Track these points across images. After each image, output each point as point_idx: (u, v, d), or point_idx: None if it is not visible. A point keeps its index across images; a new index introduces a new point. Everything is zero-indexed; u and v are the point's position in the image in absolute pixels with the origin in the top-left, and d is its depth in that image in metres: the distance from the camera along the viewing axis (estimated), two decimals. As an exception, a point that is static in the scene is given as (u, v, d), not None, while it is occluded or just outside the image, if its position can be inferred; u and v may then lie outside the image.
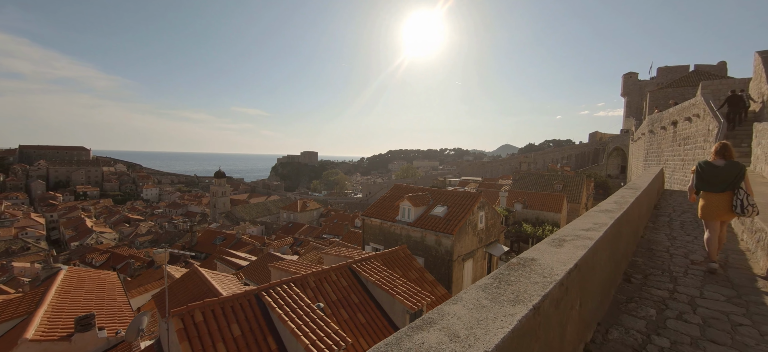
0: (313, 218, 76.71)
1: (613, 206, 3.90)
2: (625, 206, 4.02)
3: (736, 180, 4.10)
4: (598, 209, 3.80)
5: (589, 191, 44.69)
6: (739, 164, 4.18)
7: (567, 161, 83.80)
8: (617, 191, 5.80)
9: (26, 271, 44.45)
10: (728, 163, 4.20)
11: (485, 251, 16.85)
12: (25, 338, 8.48)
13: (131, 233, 77.39)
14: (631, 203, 4.29)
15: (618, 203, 4.22)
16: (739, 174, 4.11)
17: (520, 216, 31.61)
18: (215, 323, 7.31)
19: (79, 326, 9.15)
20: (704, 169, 4.33)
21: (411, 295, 9.38)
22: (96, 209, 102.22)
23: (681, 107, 18.90)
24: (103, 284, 12.89)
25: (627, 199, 4.64)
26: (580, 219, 3.20)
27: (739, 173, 4.11)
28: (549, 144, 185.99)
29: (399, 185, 19.98)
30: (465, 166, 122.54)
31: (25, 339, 8.48)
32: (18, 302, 10.53)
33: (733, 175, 4.12)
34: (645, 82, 67.93)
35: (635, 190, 5.65)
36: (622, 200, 4.43)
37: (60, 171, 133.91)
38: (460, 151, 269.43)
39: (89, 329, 9.23)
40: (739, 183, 4.11)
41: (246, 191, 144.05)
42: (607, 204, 4.15)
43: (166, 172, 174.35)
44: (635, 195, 5.05)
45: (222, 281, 9.54)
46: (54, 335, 8.97)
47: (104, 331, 9.67)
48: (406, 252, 12.33)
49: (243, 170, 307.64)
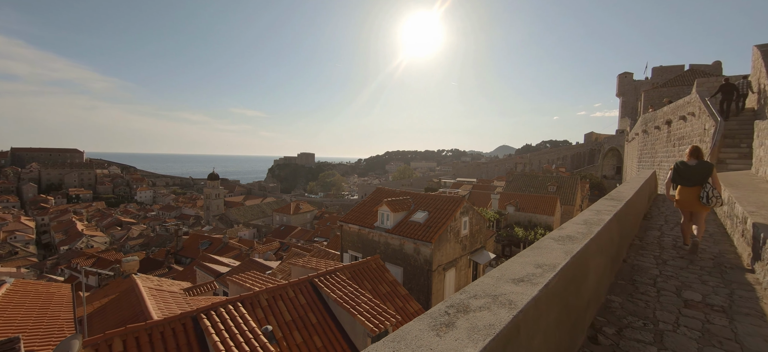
0: (306, 220, 75.63)
1: (578, 232, 2.93)
2: (597, 229, 3.08)
3: (705, 177, 5.03)
4: (557, 235, 2.86)
5: (584, 193, 43.88)
6: (708, 164, 5.10)
7: (563, 162, 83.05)
8: (596, 203, 4.85)
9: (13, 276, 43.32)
10: (699, 163, 5.13)
11: (470, 258, 15.92)
12: (-69, 369, 7.45)
13: (122, 237, 76.21)
14: (605, 223, 3.34)
15: (588, 224, 3.27)
16: (707, 172, 5.04)
17: (513, 219, 30.72)
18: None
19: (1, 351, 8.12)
20: (680, 168, 5.27)
21: (375, 314, 8.42)
22: (88, 212, 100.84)
23: (675, 105, 18.05)
24: (51, 299, 11.85)
25: (602, 216, 3.69)
26: (521, 256, 2.26)
27: (708, 171, 5.04)
28: (546, 145, 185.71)
29: (381, 189, 19.04)
30: (461, 167, 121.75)
31: (-70, 370, 7.45)
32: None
33: (703, 172, 5.04)
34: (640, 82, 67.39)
35: (615, 202, 4.68)
36: (595, 220, 3.46)
37: (52, 174, 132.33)
38: (458, 152, 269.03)
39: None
40: (707, 179, 5.03)
41: (242, 192, 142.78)
42: (573, 226, 3.19)
43: (161, 175, 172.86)
44: (614, 209, 4.09)
45: (164, 299, 8.57)
46: (-31, 363, 7.93)
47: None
48: (378, 263, 11.37)
49: (240, 172, 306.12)
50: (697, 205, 5.07)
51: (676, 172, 5.29)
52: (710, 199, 4.86)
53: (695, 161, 5.16)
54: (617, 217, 3.97)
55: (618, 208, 4.26)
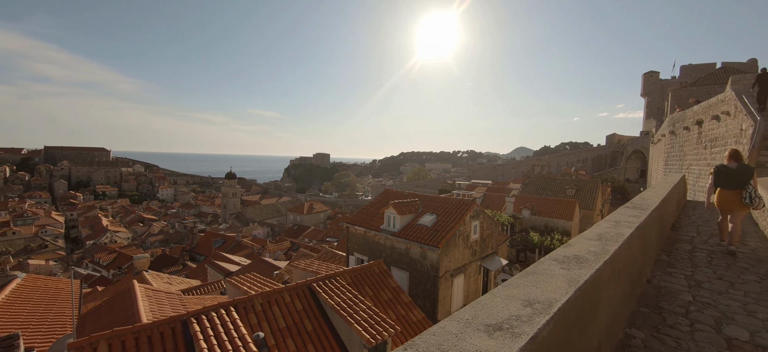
0: (319, 220, 75.97)
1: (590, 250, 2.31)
2: (614, 247, 2.47)
3: (746, 180, 5.13)
4: (562, 254, 2.28)
5: (605, 197, 41.98)
6: (749, 167, 5.26)
7: (582, 165, 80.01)
8: (615, 212, 4.19)
9: (41, 268, 45.43)
10: (740, 166, 5.26)
11: (480, 265, 15.20)
12: (-70, 365, 7.50)
13: (144, 233, 78.89)
14: (625, 239, 2.73)
15: (603, 240, 2.65)
16: (748, 175, 5.16)
17: (528, 223, 29.58)
18: (122, 360, 6.10)
19: (1, 348, 8.14)
20: (721, 171, 5.39)
21: (373, 324, 7.95)
22: (113, 208, 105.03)
23: (707, 104, 16.72)
24: (58, 296, 11.99)
25: (621, 229, 3.07)
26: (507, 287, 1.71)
27: (749, 175, 5.16)
28: (565, 146, 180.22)
29: (389, 190, 18.55)
30: (476, 168, 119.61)
31: (-70, 365, 7.50)
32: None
33: (745, 176, 5.16)
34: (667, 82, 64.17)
35: (638, 212, 4.01)
36: (612, 235, 2.84)
37: (81, 171, 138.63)
38: (473, 154, 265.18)
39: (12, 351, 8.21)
40: (749, 182, 5.13)
41: (258, 192, 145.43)
42: (584, 243, 2.57)
43: (182, 173, 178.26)
44: (636, 221, 3.46)
45: (159, 300, 8.41)
46: (-31, 359, 7.97)
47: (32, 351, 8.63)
48: (381, 268, 10.90)
49: (256, 172, 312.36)
50: (738, 206, 5.18)
51: (718, 176, 5.42)
52: (753, 199, 4.98)
53: (736, 164, 5.29)
54: (640, 230, 3.33)
55: (641, 219, 3.60)
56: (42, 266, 46.31)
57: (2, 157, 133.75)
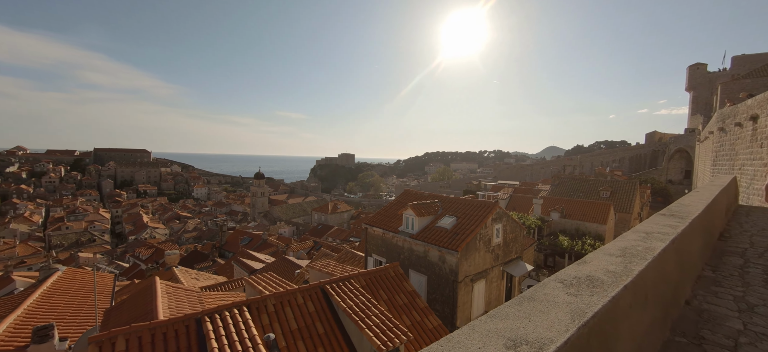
0: (343, 220, 76.76)
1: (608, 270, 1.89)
2: (639, 266, 2.02)
3: None
4: (572, 275, 1.90)
5: (644, 199, 39.18)
6: None
7: (619, 165, 75.20)
8: (646, 221, 3.66)
9: (88, 261, 49.26)
10: None
11: (503, 270, 14.51)
12: (-23, 349, 8.14)
13: (180, 230, 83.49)
14: (656, 256, 2.26)
15: (627, 257, 2.17)
16: None
17: (557, 226, 28.11)
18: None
19: (36, 337, 8.70)
20: None
21: (386, 329, 7.71)
22: (153, 206, 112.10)
23: (764, 97, 15.01)
24: (93, 288, 12.73)
25: (652, 243, 2.60)
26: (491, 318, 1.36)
27: None
28: (600, 145, 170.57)
29: (409, 191, 18.20)
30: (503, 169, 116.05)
31: (-24, 350, 8.14)
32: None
33: None
34: (716, 75, 58.99)
35: (675, 221, 3.44)
36: (640, 250, 2.35)
37: (125, 171, 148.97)
38: (501, 154, 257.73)
39: (46, 341, 8.74)
40: None
41: (285, 191, 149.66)
42: (603, 259, 2.14)
43: (215, 173, 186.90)
44: (672, 232, 2.95)
45: (178, 297, 8.66)
46: (10, 345, 8.59)
47: (66, 342, 9.16)
48: (397, 271, 10.63)
49: (283, 172, 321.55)
50: None
51: None
52: None
53: None
54: (677, 244, 2.84)
55: (678, 230, 3.08)
56: (90, 259, 50.18)
57: (58, 159, 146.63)
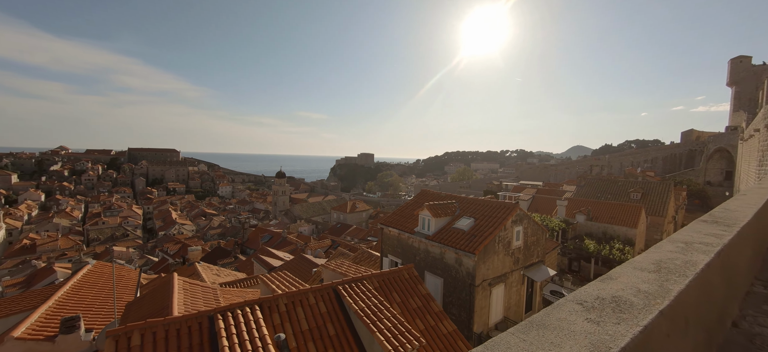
0: (361, 219, 77.07)
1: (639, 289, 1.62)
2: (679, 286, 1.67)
3: None
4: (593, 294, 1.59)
5: (679, 202, 36.79)
6: None
7: (651, 165, 71.08)
8: (684, 229, 3.24)
9: (123, 254, 52.08)
10: None
11: (523, 274, 13.90)
12: (12, 336, 8.59)
13: (205, 226, 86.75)
14: (698, 272, 1.92)
15: (662, 273, 1.84)
16: None
17: (583, 229, 26.85)
18: (152, 349, 6.38)
19: (64, 328, 9.12)
20: None
21: (398, 334, 7.50)
22: (181, 203, 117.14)
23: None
24: (119, 282, 13.27)
25: (693, 256, 2.22)
26: None
27: None
28: (630, 145, 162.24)
29: (426, 191, 17.86)
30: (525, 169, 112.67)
31: (11, 337, 8.59)
32: (34, 296, 11.14)
33: None
34: (762, 68, 54.60)
35: (721, 229, 3.00)
36: (678, 264, 1.98)
37: (156, 170, 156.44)
38: (523, 153, 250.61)
39: (73, 332, 9.15)
40: None
41: (306, 190, 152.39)
42: (632, 275, 1.83)
43: (239, 172, 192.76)
44: (718, 243, 2.55)
45: (194, 294, 8.82)
46: (41, 334, 9.03)
47: (91, 333, 9.55)
48: (411, 273, 10.38)
49: (304, 171, 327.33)
50: None
51: None
52: None
53: None
54: (723, 257, 2.45)
55: (725, 240, 2.66)
56: (123, 253, 53.02)
57: (96, 158, 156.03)
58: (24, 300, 11.18)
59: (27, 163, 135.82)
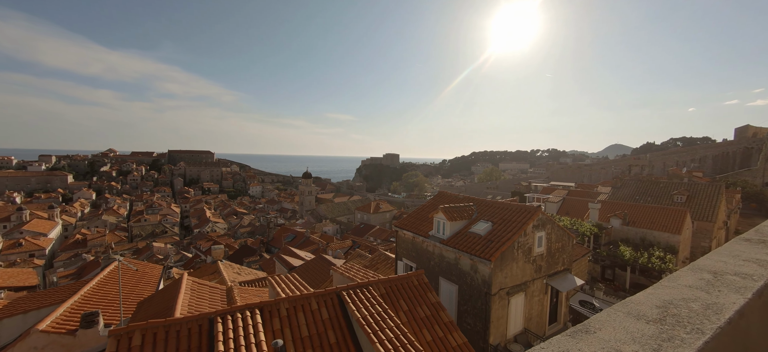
0: (385, 220, 76.84)
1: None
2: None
3: None
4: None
5: (731, 205, 33.28)
6: None
7: (699, 165, 65.06)
8: (731, 241, 2.60)
9: (161, 250, 55.45)
10: None
11: (547, 283, 12.94)
12: (37, 329, 9.10)
13: (236, 225, 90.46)
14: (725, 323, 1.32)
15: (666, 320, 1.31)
16: None
17: (618, 234, 24.91)
18: (152, 350, 6.43)
19: (84, 323, 9.54)
20: None
21: (399, 346, 7.09)
22: (215, 202, 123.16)
23: None
24: (142, 279, 13.85)
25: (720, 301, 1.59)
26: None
27: None
28: (676, 142, 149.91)
29: (443, 193, 17.22)
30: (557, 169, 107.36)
31: (36, 330, 9.09)
32: (63, 291, 11.84)
33: None
34: (838, 54, 48.29)
35: None
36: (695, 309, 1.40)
37: (193, 170, 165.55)
38: (556, 152, 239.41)
39: (92, 326, 9.57)
40: None
41: (332, 190, 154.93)
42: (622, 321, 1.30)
43: (268, 173, 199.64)
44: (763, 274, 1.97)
45: (200, 295, 8.91)
46: (64, 328, 9.49)
47: (110, 328, 9.93)
48: (421, 279, 9.90)
49: (331, 171, 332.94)
50: None
51: None
52: None
53: None
54: (765, 297, 1.83)
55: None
56: (161, 249, 56.43)
57: (140, 159, 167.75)
58: (55, 294, 11.88)
59: (81, 164, 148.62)
